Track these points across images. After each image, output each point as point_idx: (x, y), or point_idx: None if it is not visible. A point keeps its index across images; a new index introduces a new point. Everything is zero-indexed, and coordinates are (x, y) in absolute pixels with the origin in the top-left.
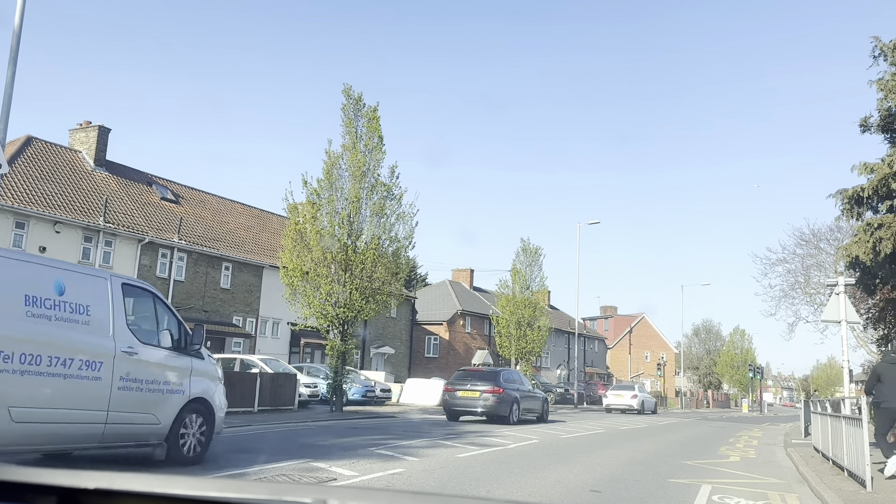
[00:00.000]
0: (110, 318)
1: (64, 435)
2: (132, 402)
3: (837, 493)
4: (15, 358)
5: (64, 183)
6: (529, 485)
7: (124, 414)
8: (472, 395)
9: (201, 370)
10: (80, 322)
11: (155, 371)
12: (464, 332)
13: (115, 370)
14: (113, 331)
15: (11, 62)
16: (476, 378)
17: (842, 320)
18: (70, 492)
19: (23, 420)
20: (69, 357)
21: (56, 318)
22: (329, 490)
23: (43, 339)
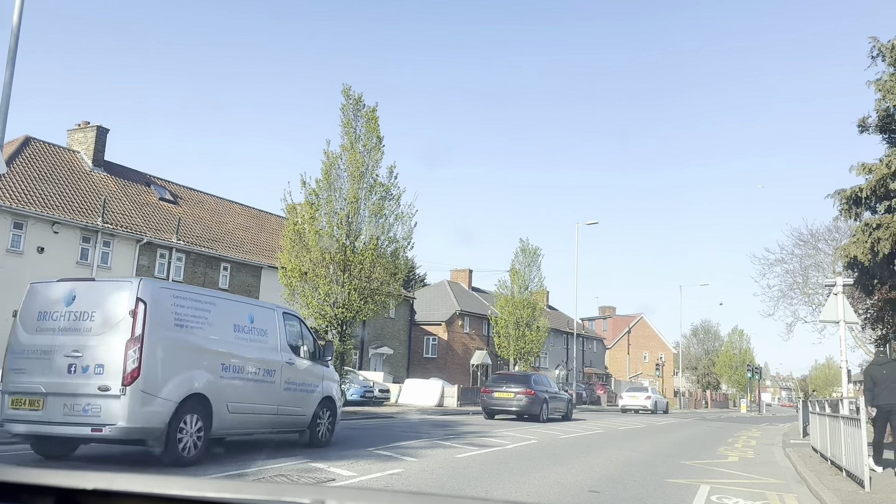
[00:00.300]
0: (278, 339)
1: (255, 423)
2: (291, 399)
3: (836, 493)
4: (230, 368)
5: (62, 183)
6: (528, 485)
7: (286, 408)
8: (507, 396)
9: (329, 375)
10: (262, 342)
11: (303, 376)
12: (462, 333)
13: (281, 376)
14: (280, 347)
15: (10, 62)
16: (510, 381)
17: (840, 320)
18: (68, 492)
19: (235, 412)
20: (258, 367)
21: (250, 339)
22: (327, 490)
23: (244, 354)
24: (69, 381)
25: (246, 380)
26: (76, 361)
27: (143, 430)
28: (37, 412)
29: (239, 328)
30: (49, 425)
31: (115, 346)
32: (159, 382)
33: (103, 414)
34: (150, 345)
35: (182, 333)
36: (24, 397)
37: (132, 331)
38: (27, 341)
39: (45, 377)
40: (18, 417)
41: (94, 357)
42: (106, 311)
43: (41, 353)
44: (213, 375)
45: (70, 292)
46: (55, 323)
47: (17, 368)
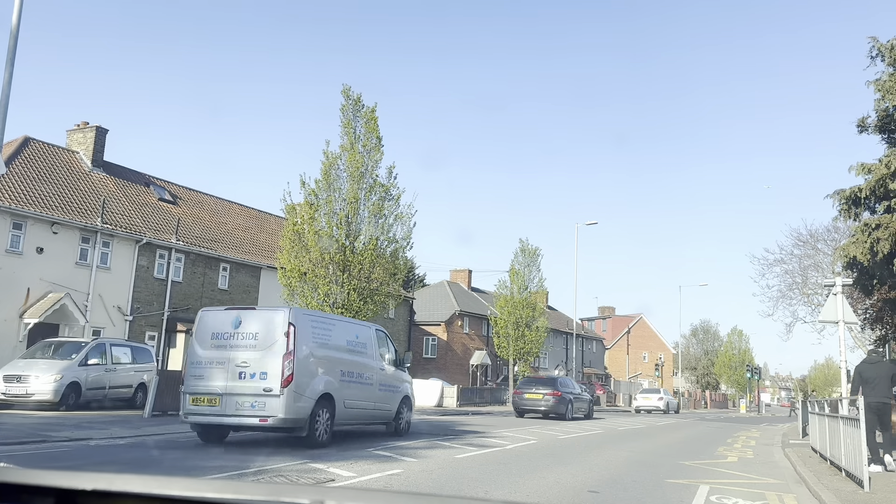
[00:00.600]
0: (374, 349)
1: (361, 416)
2: (382, 398)
3: (835, 493)
4: (346, 374)
5: (61, 184)
6: (527, 485)
7: (380, 405)
8: (536, 397)
9: (407, 379)
10: (364, 353)
11: (390, 380)
12: (462, 333)
13: (376, 380)
14: (375, 357)
15: (9, 63)
16: (539, 384)
17: (839, 321)
18: (67, 493)
19: (349, 407)
20: (362, 372)
21: (357, 352)
22: (326, 491)
23: (354, 363)
24: (240, 384)
25: (355, 383)
26: (245, 370)
27: (294, 420)
28: (214, 408)
29: (350, 343)
30: (225, 417)
31: (274, 359)
32: (304, 385)
33: (267, 408)
34: (298, 357)
35: (317, 349)
36: (203, 396)
37: (286, 347)
38: (203, 355)
39: (220, 382)
40: (197, 412)
41: (259, 367)
42: (266, 332)
43: (216, 363)
44: (335, 380)
45: (237, 318)
46: (226, 341)
47: (196, 375)
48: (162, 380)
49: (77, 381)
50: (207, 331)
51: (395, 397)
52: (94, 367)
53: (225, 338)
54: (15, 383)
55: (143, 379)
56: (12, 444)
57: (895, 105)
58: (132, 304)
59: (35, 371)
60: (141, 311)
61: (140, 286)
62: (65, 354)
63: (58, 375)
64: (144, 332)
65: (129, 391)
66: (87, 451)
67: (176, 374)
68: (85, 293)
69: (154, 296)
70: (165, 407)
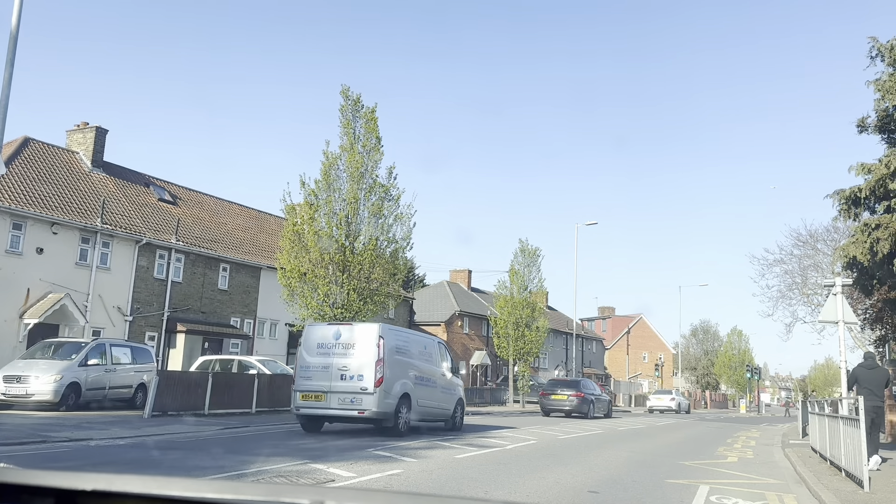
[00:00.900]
0: (437, 359)
1: (429, 414)
2: (444, 398)
3: (835, 493)
4: (419, 378)
5: (61, 184)
6: (527, 486)
7: (442, 404)
8: (561, 398)
9: (460, 384)
10: (431, 361)
11: (449, 384)
12: (462, 333)
13: (439, 383)
14: (438, 364)
15: (9, 63)
16: (563, 386)
17: (839, 321)
18: (67, 493)
19: (421, 406)
20: (430, 377)
21: (426, 360)
22: (326, 491)
23: (424, 368)
24: (341, 384)
25: (425, 386)
26: (345, 373)
27: (384, 413)
28: (320, 403)
29: (421, 353)
30: (329, 410)
31: (368, 364)
32: (391, 386)
33: (364, 404)
34: (386, 364)
35: (399, 357)
36: (311, 394)
37: (378, 355)
38: (310, 361)
39: (325, 382)
40: (307, 406)
41: (357, 370)
42: (361, 343)
43: (322, 368)
44: (412, 382)
45: (337, 331)
46: (329, 350)
47: (305, 377)
48: (162, 380)
49: (77, 381)
50: (313, 342)
51: (453, 398)
52: (94, 368)
53: (328, 347)
54: (15, 383)
55: (143, 379)
56: (12, 444)
57: (895, 105)
58: (132, 305)
59: (35, 371)
60: (141, 311)
61: (140, 286)
62: (65, 355)
63: (58, 376)
64: (144, 333)
65: (129, 391)
66: (87, 451)
67: (176, 374)
68: (85, 293)
69: (154, 296)
70: (165, 407)
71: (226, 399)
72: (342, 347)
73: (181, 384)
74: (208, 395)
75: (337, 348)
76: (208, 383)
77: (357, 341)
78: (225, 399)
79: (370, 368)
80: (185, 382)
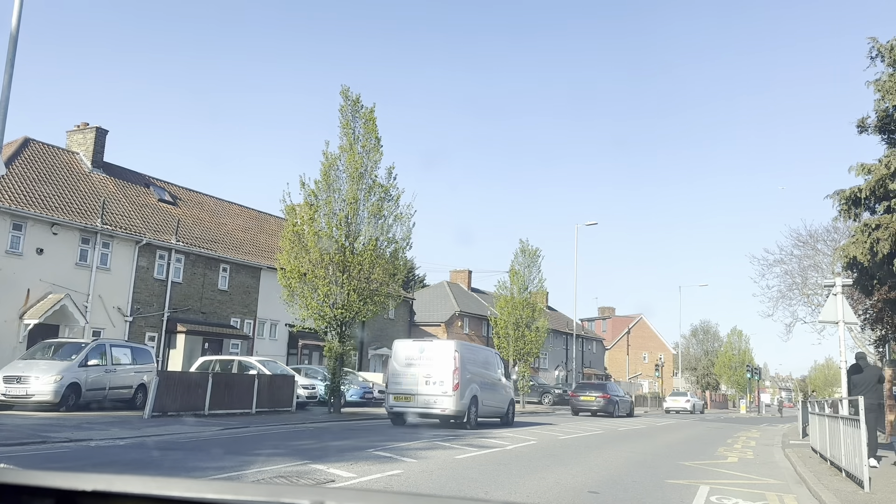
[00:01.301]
0: (495, 365)
1: (489, 412)
2: (500, 399)
3: (835, 493)
4: (482, 383)
5: (61, 184)
6: (527, 486)
7: (498, 404)
8: (589, 399)
9: (511, 386)
10: (490, 368)
11: (503, 387)
12: (462, 334)
13: (496, 387)
14: (495, 371)
15: (9, 64)
16: (591, 388)
17: (839, 321)
18: (67, 494)
19: (485, 405)
20: (490, 382)
21: (486, 368)
22: (326, 492)
23: (486, 374)
24: (426, 388)
25: (487, 389)
26: (429, 379)
27: (460, 412)
28: (409, 403)
29: (483, 363)
30: (417, 408)
31: (447, 373)
32: (464, 389)
33: (444, 404)
34: (460, 372)
35: (469, 366)
36: (402, 395)
37: (454, 365)
38: (400, 369)
39: (413, 387)
40: (398, 405)
41: (438, 378)
42: (441, 356)
43: (409, 375)
44: (478, 386)
45: (421, 346)
46: (415, 361)
47: (396, 382)
48: (162, 380)
49: (77, 381)
50: (402, 354)
51: (506, 399)
52: (94, 368)
53: (414, 359)
54: (15, 384)
55: (143, 380)
56: (12, 444)
57: (895, 105)
58: (132, 305)
59: (35, 372)
60: (141, 311)
61: (140, 287)
62: (65, 355)
63: (58, 376)
64: (144, 333)
65: (129, 392)
66: (87, 451)
67: (176, 374)
68: (85, 294)
69: (154, 296)
70: (165, 408)
71: (226, 399)
72: (426, 359)
73: (181, 385)
74: (208, 395)
75: (421, 360)
76: (208, 384)
77: (437, 354)
78: (225, 399)
79: (449, 376)
80: (185, 383)
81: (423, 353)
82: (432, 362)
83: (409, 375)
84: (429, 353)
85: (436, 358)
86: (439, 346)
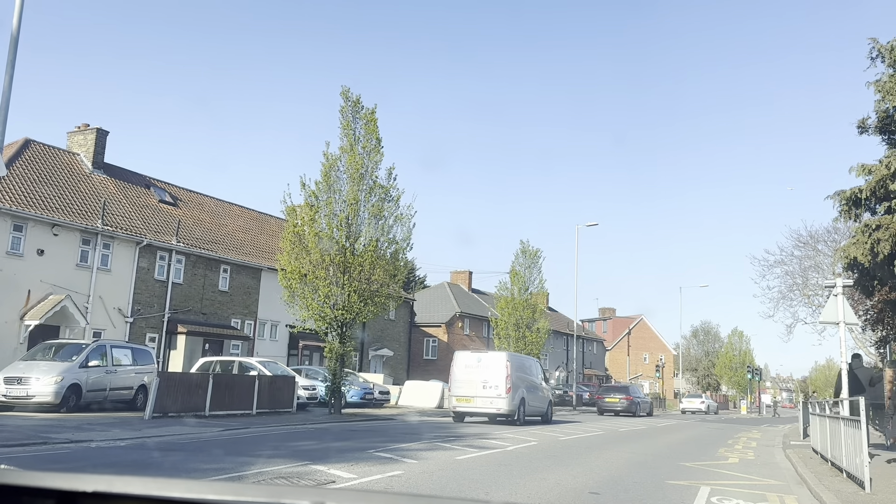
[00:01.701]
0: (538, 372)
1: (533, 411)
2: (540, 400)
3: (836, 494)
4: (528, 387)
5: (62, 185)
6: (528, 487)
7: (540, 405)
8: (613, 401)
9: (549, 389)
10: (533, 374)
11: (544, 390)
12: (462, 335)
13: (538, 389)
14: (537, 376)
15: (10, 65)
16: (614, 390)
17: (840, 322)
18: (68, 495)
19: (529, 406)
20: (534, 386)
21: (531, 374)
22: (327, 493)
23: (530, 379)
24: (484, 391)
25: (532, 392)
26: (486, 384)
27: (512, 411)
28: (470, 404)
29: (528, 369)
30: (476, 409)
31: (501, 379)
32: (514, 393)
33: (499, 405)
34: (512, 378)
35: (518, 373)
36: (463, 398)
37: (506, 372)
38: (462, 376)
39: (472, 390)
40: (461, 406)
41: (494, 383)
42: (495, 364)
43: (470, 380)
44: (525, 390)
45: (478, 357)
46: (474, 369)
47: (458, 386)
48: (162, 381)
49: (78, 382)
50: (462, 363)
51: (546, 400)
52: (95, 369)
53: (473, 367)
54: (15, 385)
55: (144, 381)
56: (13, 445)
57: (895, 106)
58: (133, 306)
59: (35, 373)
60: (141, 312)
61: (140, 288)
62: (65, 356)
63: (58, 377)
64: (145, 334)
65: (129, 393)
66: (87, 452)
67: (177, 375)
68: (85, 295)
69: (154, 297)
70: (166, 409)
71: (226, 400)
72: (482, 367)
73: (182, 386)
74: (209, 396)
75: (479, 368)
76: (209, 385)
77: (492, 363)
78: (225, 400)
79: (502, 381)
80: (185, 384)
81: (479, 362)
82: (488, 370)
83: (469, 382)
84: (485, 363)
85: (491, 366)
86: (493, 356)
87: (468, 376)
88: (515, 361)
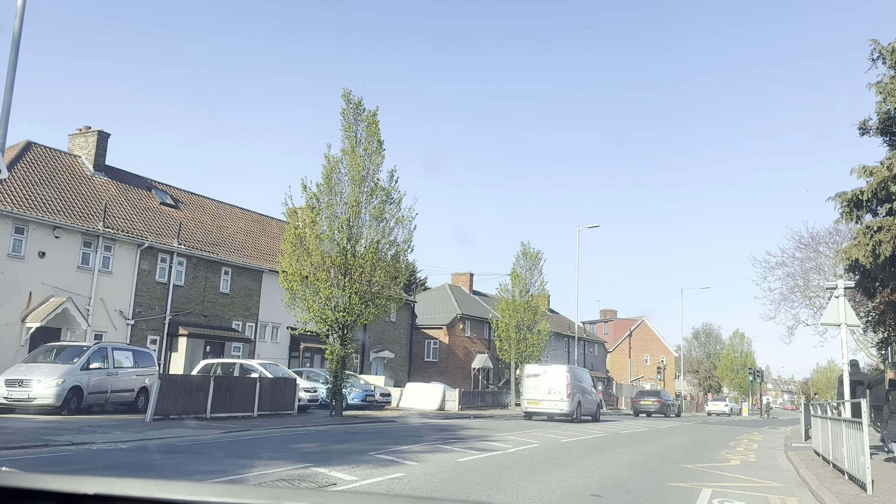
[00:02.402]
0: (589, 379)
1: (586, 412)
2: (591, 402)
3: (838, 496)
4: (583, 391)
5: (63, 188)
6: (529, 489)
7: (591, 406)
8: (648, 403)
9: (597, 392)
10: (585, 382)
11: (593, 394)
12: (463, 336)
13: (589, 393)
14: (588, 383)
15: (11, 68)
16: (648, 394)
17: (841, 323)
18: (69, 497)
19: (583, 407)
20: (587, 391)
21: (584, 381)
22: (328, 495)
23: (584, 386)
24: (549, 395)
25: (585, 395)
26: (551, 389)
27: (571, 412)
28: (538, 405)
29: (582, 378)
30: (543, 410)
31: (563, 385)
32: (573, 397)
33: (562, 406)
34: (571, 385)
35: (575, 381)
36: (533, 401)
37: (567, 380)
38: (530, 384)
39: (539, 395)
40: (531, 407)
41: (557, 388)
42: (557, 374)
43: (536, 387)
44: (580, 395)
45: (544, 368)
46: (539, 377)
47: (528, 391)
48: (164, 384)
49: (79, 385)
50: (531, 372)
51: (595, 402)
52: (96, 372)
53: (539, 376)
54: (17, 387)
55: (145, 383)
56: (14, 448)
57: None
58: (134, 308)
59: (37, 375)
60: (143, 314)
61: (142, 290)
62: (66, 358)
63: (59, 380)
64: (146, 336)
65: (130, 395)
66: (88, 455)
67: (178, 377)
68: (87, 297)
69: (156, 300)
70: (167, 411)
71: (227, 403)
72: (548, 376)
73: (183, 388)
74: (210, 398)
75: (544, 377)
76: (210, 387)
77: (555, 373)
78: (227, 403)
79: (564, 387)
80: (186, 386)
81: (545, 372)
82: (552, 378)
83: (536, 388)
84: (550, 373)
85: (554, 375)
86: (556, 368)
87: (535, 384)
88: (573, 371)
